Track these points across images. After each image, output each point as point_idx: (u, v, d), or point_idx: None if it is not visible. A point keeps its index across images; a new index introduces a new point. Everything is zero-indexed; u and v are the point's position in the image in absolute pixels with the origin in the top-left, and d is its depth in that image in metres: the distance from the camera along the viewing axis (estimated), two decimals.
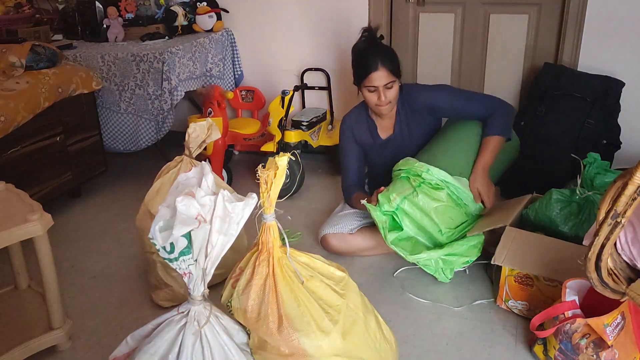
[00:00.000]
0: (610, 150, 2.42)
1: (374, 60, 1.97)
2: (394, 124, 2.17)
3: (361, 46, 2.06)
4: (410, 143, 2.18)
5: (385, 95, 2.01)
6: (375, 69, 1.97)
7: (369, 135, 2.21)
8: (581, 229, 1.84)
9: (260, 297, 1.32)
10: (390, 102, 2.05)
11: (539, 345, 1.60)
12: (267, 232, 1.33)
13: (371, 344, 1.40)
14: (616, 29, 2.46)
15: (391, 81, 2.00)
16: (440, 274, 1.93)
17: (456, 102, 2.09)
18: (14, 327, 1.68)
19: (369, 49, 2.03)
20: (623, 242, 1.30)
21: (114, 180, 3.03)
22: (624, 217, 1.16)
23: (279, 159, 1.27)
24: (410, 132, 2.17)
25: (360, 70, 2.02)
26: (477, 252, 1.92)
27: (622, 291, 1.32)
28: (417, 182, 1.94)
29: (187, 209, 1.21)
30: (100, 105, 2.80)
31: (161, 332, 1.29)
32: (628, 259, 1.31)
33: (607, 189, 1.18)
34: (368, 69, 1.98)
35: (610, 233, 1.20)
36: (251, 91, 3.17)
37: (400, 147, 2.18)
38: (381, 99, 2.01)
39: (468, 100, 2.09)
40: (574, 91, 2.40)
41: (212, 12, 3.03)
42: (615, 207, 1.16)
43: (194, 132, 1.90)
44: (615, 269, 1.30)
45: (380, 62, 1.97)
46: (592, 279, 1.29)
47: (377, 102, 2.03)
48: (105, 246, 2.36)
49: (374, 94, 2.02)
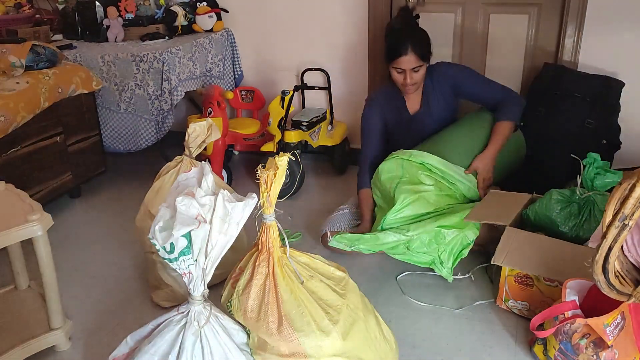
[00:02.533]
0: (610, 150, 2.42)
1: (405, 44, 2.03)
2: (421, 99, 2.23)
3: (395, 25, 2.12)
4: (431, 120, 2.22)
5: (412, 77, 2.09)
6: (404, 54, 2.03)
7: (396, 110, 2.26)
8: (581, 229, 1.84)
9: (260, 297, 1.33)
10: (416, 83, 2.12)
11: (538, 345, 1.60)
12: (267, 232, 1.33)
13: (371, 344, 1.40)
14: (616, 29, 2.46)
15: (419, 65, 2.07)
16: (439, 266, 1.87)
17: (477, 82, 2.18)
18: (14, 327, 1.68)
19: (402, 30, 2.08)
20: (630, 244, 1.30)
21: (114, 180, 3.03)
22: (632, 219, 1.16)
23: (279, 159, 1.27)
24: (434, 108, 2.22)
25: (390, 51, 2.08)
26: (474, 228, 1.89)
27: (629, 293, 1.31)
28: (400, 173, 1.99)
29: (187, 209, 1.22)
30: (100, 105, 2.80)
31: (161, 332, 1.30)
32: (635, 261, 1.30)
33: (613, 191, 1.18)
34: (397, 52, 2.05)
35: (617, 235, 1.20)
36: (251, 91, 3.17)
37: (424, 123, 2.23)
38: (407, 80, 2.09)
39: (487, 83, 2.19)
40: (574, 91, 2.40)
41: (212, 12, 3.03)
42: (622, 209, 1.15)
43: (194, 132, 1.90)
44: (622, 271, 1.30)
45: (411, 47, 2.03)
46: (599, 282, 1.29)
47: (403, 82, 2.11)
48: (105, 246, 2.36)
49: (401, 74, 2.10)
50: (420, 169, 1.98)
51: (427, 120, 2.23)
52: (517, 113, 2.12)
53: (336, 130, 2.99)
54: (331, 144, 2.95)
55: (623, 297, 1.32)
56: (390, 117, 2.26)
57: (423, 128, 2.23)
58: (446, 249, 1.87)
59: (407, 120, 2.25)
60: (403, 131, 2.26)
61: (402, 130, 2.27)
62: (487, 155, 2.06)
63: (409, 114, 2.25)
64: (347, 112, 3.07)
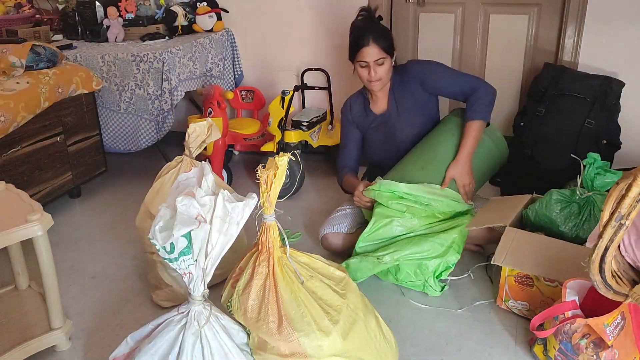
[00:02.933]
0: (610, 150, 2.42)
1: (367, 36, 2.03)
2: (388, 100, 2.21)
3: (357, 23, 2.12)
4: (400, 120, 2.19)
5: (376, 71, 2.06)
6: (366, 45, 2.03)
7: (364, 112, 2.25)
8: (581, 229, 1.84)
9: (260, 297, 1.33)
10: (381, 79, 2.10)
11: (538, 345, 1.60)
12: (267, 232, 1.34)
13: (371, 344, 1.40)
14: (616, 29, 2.46)
15: (382, 57, 2.05)
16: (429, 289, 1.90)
17: (444, 76, 2.14)
18: (14, 327, 1.68)
19: (364, 26, 2.08)
20: (627, 244, 1.30)
21: (114, 180, 3.03)
22: (628, 219, 1.16)
23: (279, 159, 1.27)
24: (402, 108, 2.19)
25: (353, 45, 2.08)
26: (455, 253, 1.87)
27: (626, 293, 1.31)
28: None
29: (187, 209, 1.22)
30: (100, 105, 2.81)
31: (161, 332, 1.30)
32: (632, 261, 1.30)
33: (610, 191, 1.18)
34: (360, 44, 2.04)
35: (614, 235, 1.20)
36: (251, 91, 3.17)
37: (393, 124, 2.20)
38: (371, 74, 2.07)
39: (455, 76, 2.14)
40: (574, 91, 2.40)
41: (212, 12, 3.03)
42: (619, 209, 1.15)
43: (194, 132, 1.90)
44: (619, 271, 1.30)
45: (373, 38, 2.02)
46: (595, 281, 1.29)
47: (367, 77, 2.09)
48: (105, 246, 2.36)
49: (365, 69, 2.08)
50: (391, 198, 1.95)
51: (395, 120, 2.19)
52: (488, 108, 2.06)
53: (336, 130, 2.99)
54: (331, 144, 2.95)
55: (620, 297, 1.32)
56: (359, 120, 2.26)
57: (393, 129, 2.20)
58: (431, 276, 1.89)
59: (375, 122, 2.23)
60: (374, 133, 2.25)
61: (373, 132, 2.25)
62: (460, 160, 2.00)
63: (375, 115, 2.23)
64: None
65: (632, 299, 1.31)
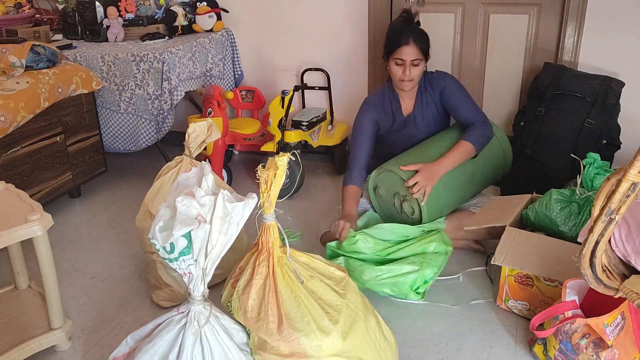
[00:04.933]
0: (610, 150, 2.42)
1: (408, 35, 2.09)
2: (415, 101, 2.25)
3: (397, 25, 2.17)
4: (422, 123, 2.25)
5: (410, 71, 2.11)
6: (406, 44, 2.08)
7: (391, 112, 2.27)
8: (581, 229, 1.84)
9: (260, 297, 1.33)
10: (413, 80, 2.14)
11: (538, 345, 1.60)
12: (267, 232, 1.34)
13: (371, 344, 1.40)
14: (616, 29, 2.46)
15: (418, 59, 2.10)
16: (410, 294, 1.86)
17: (461, 97, 2.20)
18: (13, 327, 1.68)
19: (404, 26, 2.14)
20: (617, 239, 1.31)
21: (114, 180, 3.03)
22: (618, 213, 1.17)
23: (279, 159, 1.27)
24: (425, 112, 2.24)
25: (392, 43, 2.12)
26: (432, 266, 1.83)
27: (616, 287, 1.32)
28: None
29: (187, 209, 1.21)
30: (100, 105, 2.81)
31: (161, 332, 1.29)
32: (622, 255, 1.31)
33: (601, 186, 1.19)
34: (399, 42, 2.09)
35: (604, 230, 1.21)
36: (251, 91, 3.17)
37: (417, 125, 2.25)
38: (406, 73, 2.11)
39: (469, 102, 2.20)
40: (574, 91, 2.40)
41: (212, 12, 3.03)
42: (609, 203, 1.16)
43: (194, 132, 1.90)
44: (610, 266, 1.31)
45: (413, 39, 2.09)
46: (586, 275, 1.30)
47: (401, 76, 2.13)
48: (105, 246, 2.36)
49: (400, 67, 2.12)
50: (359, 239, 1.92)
51: (419, 122, 2.24)
52: (483, 140, 2.13)
53: (336, 130, 3.00)
54: (331, 144, 2.95)
55: (610, 291, 1.33)
56: (384, 119, 2.27)
57: (415, 130, 2.24)
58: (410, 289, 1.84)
59: (400, 122, 2.26)
60: (396, 133, 2.27)
61: (395, 132, 2.27)
62: (436, 164, 2.03)
63: (403, 116, 2.26)
64: (347, 112, 3.07)
65: (622, 293, 1.31)
